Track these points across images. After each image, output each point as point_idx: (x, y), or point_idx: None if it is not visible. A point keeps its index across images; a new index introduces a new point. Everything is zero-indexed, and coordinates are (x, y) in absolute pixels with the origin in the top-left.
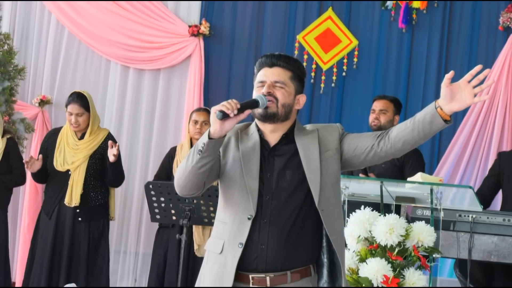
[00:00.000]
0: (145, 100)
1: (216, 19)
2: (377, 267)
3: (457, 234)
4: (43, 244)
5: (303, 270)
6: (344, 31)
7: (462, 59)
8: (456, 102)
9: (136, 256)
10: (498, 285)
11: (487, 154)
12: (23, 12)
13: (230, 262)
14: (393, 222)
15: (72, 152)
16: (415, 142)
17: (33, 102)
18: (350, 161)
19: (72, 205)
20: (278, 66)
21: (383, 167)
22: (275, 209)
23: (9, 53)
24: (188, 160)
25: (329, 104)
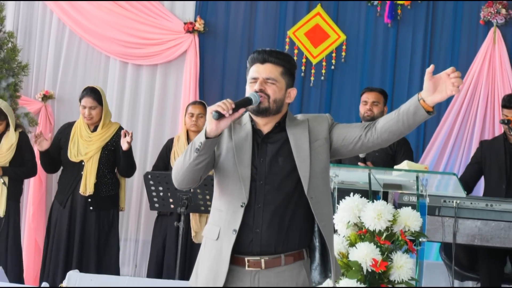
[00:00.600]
0: (143, 94)
1: (210, 17)
2: (366, 251)
3: (442, 219)
4: (58, 233)
5: (296, 254)
6: (332, 26)
7: (445, 53)
8: (438, 93)
9: (136, 243)
10: (481, 268)
11: (469, 143)
12: (25, 12)
13: (226, 248)
14: (381, 208)
15: (85, 144)
16: (400, 133)
17: (36, 97)
18: (338, 150)
19: (87, 194)
20: (270, 62)
21: (377, 155)
22: (268, 193)
23: (13, 50)
24: (186, 157)
25: (319, 96)
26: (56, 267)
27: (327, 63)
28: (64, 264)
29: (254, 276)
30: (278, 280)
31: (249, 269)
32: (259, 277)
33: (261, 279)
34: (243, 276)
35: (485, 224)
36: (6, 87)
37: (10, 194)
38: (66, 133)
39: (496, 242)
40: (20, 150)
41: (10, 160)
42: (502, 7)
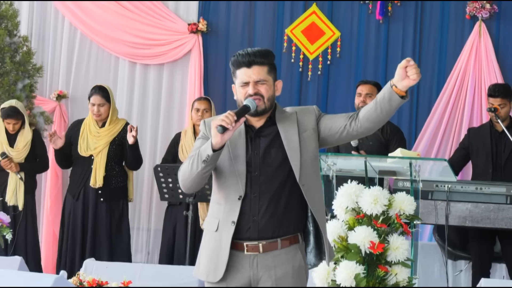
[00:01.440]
0: (151, 91)
1: (212, 17)
2: (364, 234)
3: (434, 202)
4: (73, 224)
5: (291, 238)
6: (327, 24)
7: (434, 46)
8: (406, 80)
9: (148, 232)
10: (472, 247)
11: (459, 130)
12: (39, 17)
13: (225, 239)
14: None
15: (94, 139)
16: (381, 120)
17: (51, 96)
18: (326, 139)
19: (97, 186)
20: (256, 64)
21: (371, 144)
22: (263, 183)
23: (28, 54)
24: (193, 166)
25: (316, 90)
26: (72, 256)
27: (323, 59)
28: (80, 253)
29: (252, 260)
30: (275, 262)
31: (248, 253)
32: (258, 260)
33: (259, 262)
34: (243, 260)
35: (475, 207)
36: (22, 88)
37: (26, 188)
38: (76, 129)
39: (486, 223)
40: (34, 146)
41: (25, 157)
42: (486, 2)
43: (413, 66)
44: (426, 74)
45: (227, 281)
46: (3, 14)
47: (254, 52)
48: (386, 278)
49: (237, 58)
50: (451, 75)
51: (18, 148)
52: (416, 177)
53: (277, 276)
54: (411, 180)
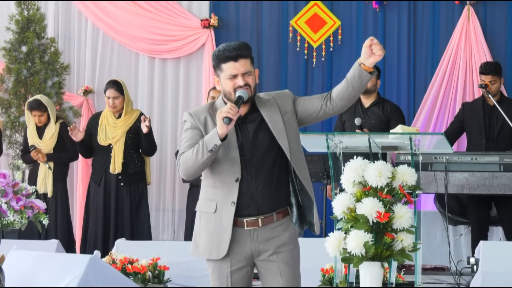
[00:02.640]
0: (170, 83)
1: (223, 13)
2: (370, 205)
3: (434, 173)
4: (96, 207)
5: (283, 211)
6: (328, 14)
7: (427, 30)
8: (373, 56)
9: (173, 212)
10: (470, 213)
11: (454, 106)
12: (64, 19)
13: (226, 218)
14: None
15: (112, 129)
16: (353, 97)
17: (78, 92)
18: (304, 119)
19: (116, 172)
20: (241, 57)
21: (373, 122)
22: (257, 165)
23: (55, 54)
24: (198, 156)
25: (321, 75)
26: (96, 237)
27: (326, 46)
28: (103, 233)
29: (252, 234)
30: (273, 234)
31: (247, 228)
32: (257, 234)
33: (259, 235)
34: (243, 235)
35: (471, 175)
36: (52, 85)
37: (56, 177)
38: (95, 122)
39: (482, 190)
40: (62, 138)
41: (54, 148)
42: None
43: (376, 44)
44: (421, 56)
45: (231, 256)
46: (31, 18)
47: (239, 46)
48: (392, 244)
49: (223, 53)
50: (444, 55)
51: (45, 140)
52: (416, 150)
53: (276, 246)
54: (411, 153)
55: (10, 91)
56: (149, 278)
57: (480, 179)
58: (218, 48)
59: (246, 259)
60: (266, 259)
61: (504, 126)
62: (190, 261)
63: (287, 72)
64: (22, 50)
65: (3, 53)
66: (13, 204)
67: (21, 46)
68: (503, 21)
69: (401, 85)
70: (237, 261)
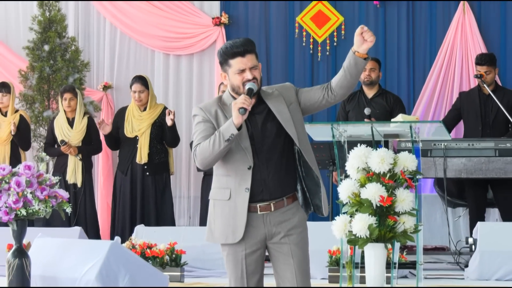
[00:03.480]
0: (184, 78)
1: (233, 11)
2: (374, 190)
3: (433, 159)
4: (123, 196)
5: (292, 196)
6: (332, 10)
7: (425, 25)
8: (365, 43)
9: (188, 199)
10: (468, 196)
11: (451, 95)
12: (83, 19)
13: (241, 204)
14: (384, 154)
15: (138, 122)
16: (351, 84)
17: (98, 88)
18: (308, 109)
19: (142, 162)
20: (248, 53)
21: (378, 112)
22: (267, 153)
23: (76, 52)
24: (215, 146)
25: (326, 69)
26: (124, 223)
27: (330, 41)
28: (130, 220)
29: (265, 218)
30: (284, 217)
31: (260, 213)
32: (269, 218)
33: (271, 219)
34: (256, 219)
35: (468, 160)
36: (73, 81)
37: (84, 168)
38: (122, 115)
39: (479, 174)
40: (89, 132)
41: (82, 140)
42: None
43: (367, 31)
44: (420, 49)
45: (245, 240)
46: (53, 19)
47: (245, 42)
48: (395, 226)
49: (231, 49)
50: (441, 48)
51: (76, 130)
52: (416, 138)
53: (288, 228)
54: (412, 140)
55: (34, 88)
56: (167, 261)
57: (477, 164)
58: (225, 45)
59: (260, 242)
60: (278, 242)
61: (499, 113)
62: (205, 245)
63: (294, 66)
64: (44, 49)
65: (26, 52)
66: (38, 194)
67: (44, 45)
68: (497, 15)
69: (401, 77)
70: (251, 245)
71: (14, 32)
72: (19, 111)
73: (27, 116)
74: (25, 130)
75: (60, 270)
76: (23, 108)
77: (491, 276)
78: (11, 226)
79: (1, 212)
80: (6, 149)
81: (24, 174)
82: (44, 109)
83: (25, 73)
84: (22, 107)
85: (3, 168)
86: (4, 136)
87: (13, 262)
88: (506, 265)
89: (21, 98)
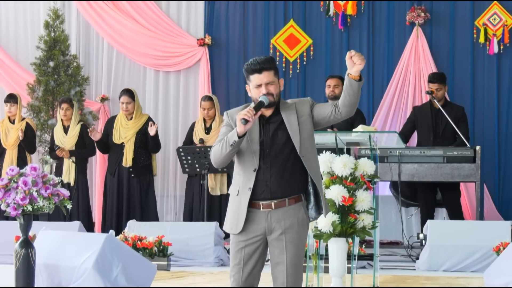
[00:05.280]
0: (172, 91)
1: (216, 33)
2: (337, 191)
3: (389, 164)
4: (111, 195)
5: (296, 197)
6: (302, 34)
7: (383, 47)
8: (355, 66)
9: (174, 198)
10: (420, 197)
11: (405, 109)
12: (84, 40)
13: (244, 201)
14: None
15: (124, 130)
16: (352, 103)
17: (96, 99)
18: (319, 122)
19: (127, 165)
20: (265, 70)
21: (340, 123)
22: (273, 158)
23: (77, 68)
24: (222, 149)
25: (296, 84)
26: (112, 219)
27: (300, 60)
28: (118, 216)
29: (267, 215)
30: (284, 216)
31: (263, 210)
32: (271, 215)
33: (272, 216)
34: (259, 215)
35: (420, 166)
36: (74, 94)
37: (78, 169)
38: (111, 124)
39: (429, 178)
40: (83, 137)
41: (75, 145)
42: (421, 12)
43: (355, 55)
44: (378, 67)
45: (247, 232)
46: (57, 39)
47: (263, 60)
48: (355, 223)
49: (250, 67)
50: (397, 67)
51: (69, 138)
52: (374, 146)
53: (286, 226)
54: (370, 148)
55: (40, 99)
56: (155, 252)
57: (427, 169)
58: (247, 62)
59: (261, 236)
60: (276, 238)
61: (448, 125)
62: (189, 238)
63: None
64: (49, 65)
65: (34, 67)
66: (42, 192)
67: (49, 61)
68: (446, 39)
69: (362, 92)
70: (252, 237)
71: (23, 50)
72: (26, 118)
73: (33, 123)
74: (31, 136)
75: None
76: (31, 117)
77: (439, 267)
78: (19, 220)
79: (10, 208)
80: (14, 152)
81: (30, 175)
82: (49, 118)
83: (33, 86)
84: (30, 116)
85: (12, 169)
86: (12, 141)
87: (20, 252)
88: (452, 258)
89: (29, 108)
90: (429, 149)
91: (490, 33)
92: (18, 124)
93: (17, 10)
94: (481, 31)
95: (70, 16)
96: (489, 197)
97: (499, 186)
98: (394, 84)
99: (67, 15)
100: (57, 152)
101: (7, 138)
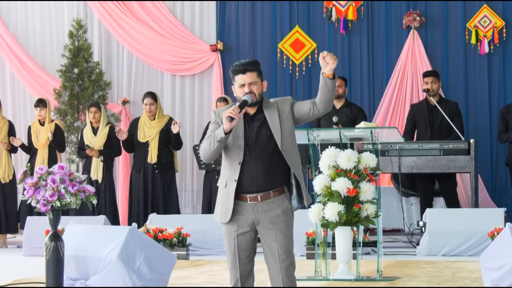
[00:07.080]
0: (187, 94)
1: (227, 39)
2: (342, 183)
3: (390, 158)
4: (137, 190)
5: (279, 189)
6: (307, 38)
7: (382, 49)
8: (328, 65)
9: (192, 192)
10: (419, 187)
11: (404, 106)
12: (106, 48)
13: (231, 192)
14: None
15: (148, 129)
16: (328, 99)
17: (118, 102)
18: (299, 119)
19: (152, 162)
20: (248, 71)
21: (344, 120)
22: (258, 153)
23: (100, 74)
24: (210, 145)
25: (302, 86)
26: (139, 212)
27: (306, 63)
28: (143, 210)
29: (254, 207)
30: (270, 207)
31: (249, 202)
32: (257, 207)
33: (259, 208)
34: (246, 207)
35: (419, 159)
36: (98, 98)
37: (105, 167)
38: (135, 124)
39: (427, 170)
40: (110, 138)
41: (104, 145)
42: (416, 16)
43: (328, 55)
44: (378, 68)
45: (238, 222)
46: (81, 47)
47: (247, 62)
48: (359, 212)
49: (235, 68)
50: (396, 68)
51: (98, 138)
52: (376, 141)
53: (272, 216)
54: (372, 143)
55: (66, 103)
56: (175, 243)
57: (425, 161)
58: (234, 64)
59: (249, 226)
60: (265, 227)
61: (443, 120)
62: (206, 229)
63: (277, 84)
64: (74, 72)
65: (59, 74)
66: (70, 189)
67: (74, 68)
68: (440, 40)
69: (363, 91)
70: (242, 227)
71: (49, 58)
72: (54, 120)
73: (61, 124)
74: (60, 136)
75: (88, 250)
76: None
77: (438, 252)
78: (48, 215)
79: (40, 204)
80: (45, 152)
81: (58, 173)
82: (75, 120)
83: (59, 91)
84: (57, 119)
85: (41, 168)
86: (43, 142)
87: (49, 244)
88: (450, 243)
89: (56, 111)
90: (426, 143)
91: (481, 34)
92: (47, 126)
93: (44, 22)
94: (472, 32)
95: (92, 26)
96: (483, 186)
97: (492, 176)
98: (393, 83)
99: (89, 25)
100: (87, 151)
101: (38, 139)
